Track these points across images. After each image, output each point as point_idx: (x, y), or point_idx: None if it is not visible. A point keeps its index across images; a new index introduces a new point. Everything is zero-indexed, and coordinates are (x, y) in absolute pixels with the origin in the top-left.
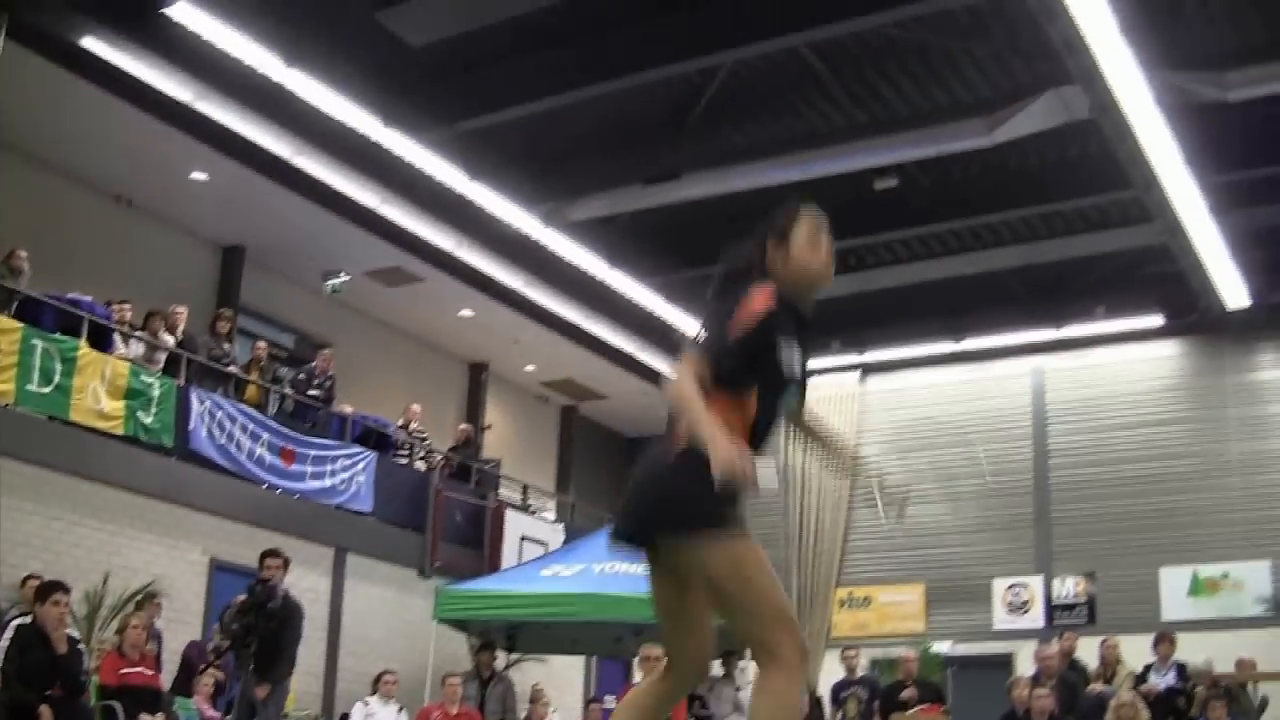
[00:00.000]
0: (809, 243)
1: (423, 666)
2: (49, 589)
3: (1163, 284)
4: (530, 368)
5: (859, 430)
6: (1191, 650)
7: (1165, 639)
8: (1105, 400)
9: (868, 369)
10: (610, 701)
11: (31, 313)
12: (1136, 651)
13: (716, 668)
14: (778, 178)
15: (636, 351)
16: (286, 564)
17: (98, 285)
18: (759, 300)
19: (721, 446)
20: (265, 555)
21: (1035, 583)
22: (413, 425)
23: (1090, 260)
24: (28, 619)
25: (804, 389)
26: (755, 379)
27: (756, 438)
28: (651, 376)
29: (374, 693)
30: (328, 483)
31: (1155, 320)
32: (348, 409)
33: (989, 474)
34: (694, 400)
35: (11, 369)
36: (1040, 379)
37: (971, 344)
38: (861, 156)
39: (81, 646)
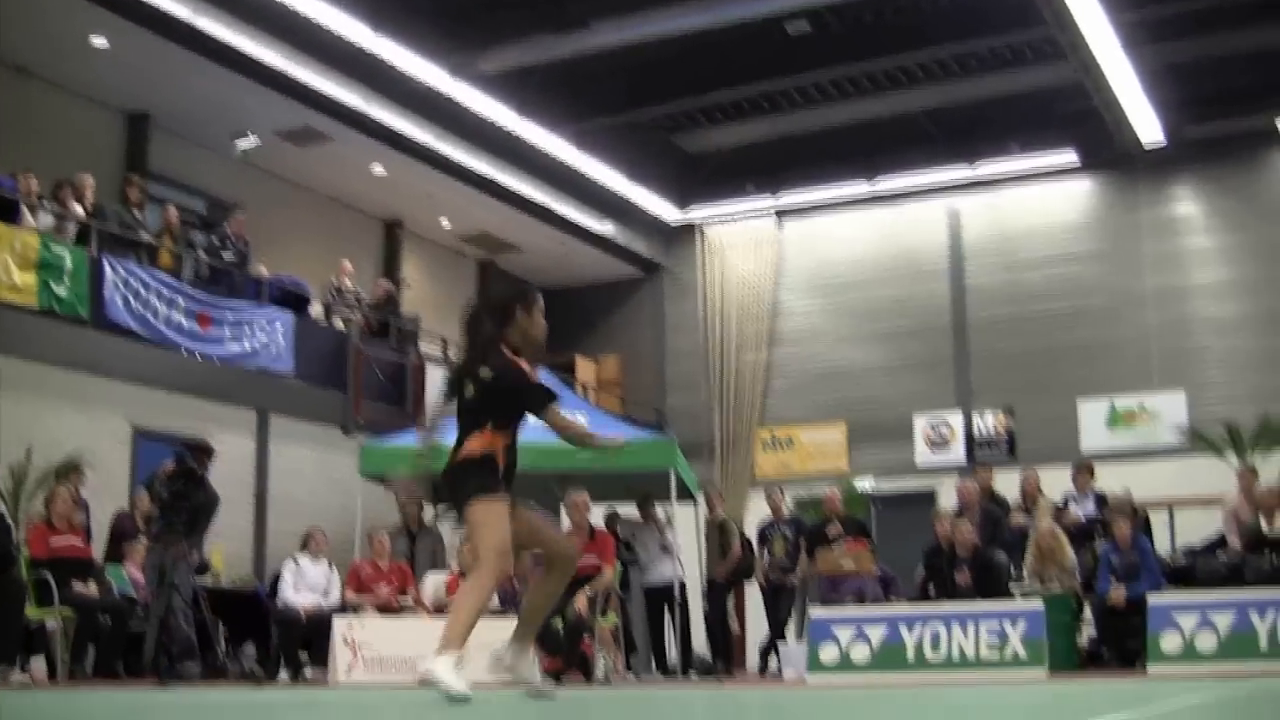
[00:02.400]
0: (537, 316)
1: (351, 523)
2: None
3: (1077, 121)
4: (445, 223)
5: (777, 274)
6: (1109, 480)
7: (1084, 469)
8: (1021, 238)
9: (784, 213)
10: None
11: None
12: (1056, 483)
13: (633, 512)
14: (688, 24)
15: (551, 202)
16: (211, 453)
17: (2, 158)
18: (529, 370)
19: (603, 436)
20: (194, 446)
21: (955, 418)
22: (345, 283)
23: (1004, 99)
24: None
25: None
26: (514, 421)
27: (511, 457)
28: (566, 227)
29: (303, 551)
30: (246, 345)
31: (1070, 158)
32: (263, 271)
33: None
34: (576, 426)
35: None
36: (956, 218)
37: (887, 185)
38: (773, 0)
39: (9, 521)
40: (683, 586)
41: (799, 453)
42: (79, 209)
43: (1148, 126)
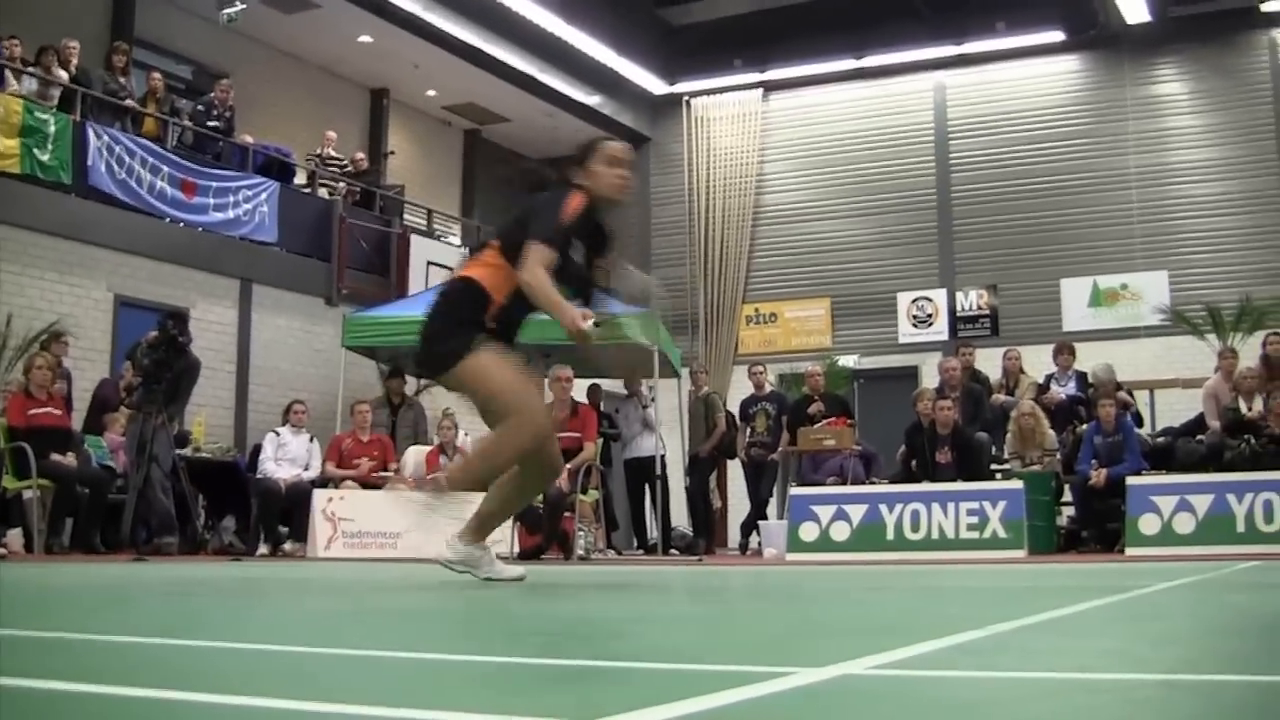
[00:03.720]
0: (608, 165)
1: (333, 395)
2: None
3: None
4: (431, 92)
5: (761, 147)
6: (1092, 360)
7: (1065, 349)
8: (1006, 116)
9: (770, 86)
10: None
11: None
12: (1039, 362)
13: (620, 387)
14: None
15: (538, 73)
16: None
17: None
18: (574, 202)
19: (566, 314)
20: (174, 320)
21: (939, 296)
22: (328, 152)
23: None
24: None
25: (579, 287)
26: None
27: (518, 305)
28: (553, 98)
29: (284, 423)
30: (231, 214)
31: (1055, 35)
32: (248, 139)
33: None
34: (546, 288)
35: None
36: (941, 95)
37: (873, 60)
38: None
39: None
40: (664, 462)
41: (783, 328)
42: (63, 74)
43: (1133, 4)
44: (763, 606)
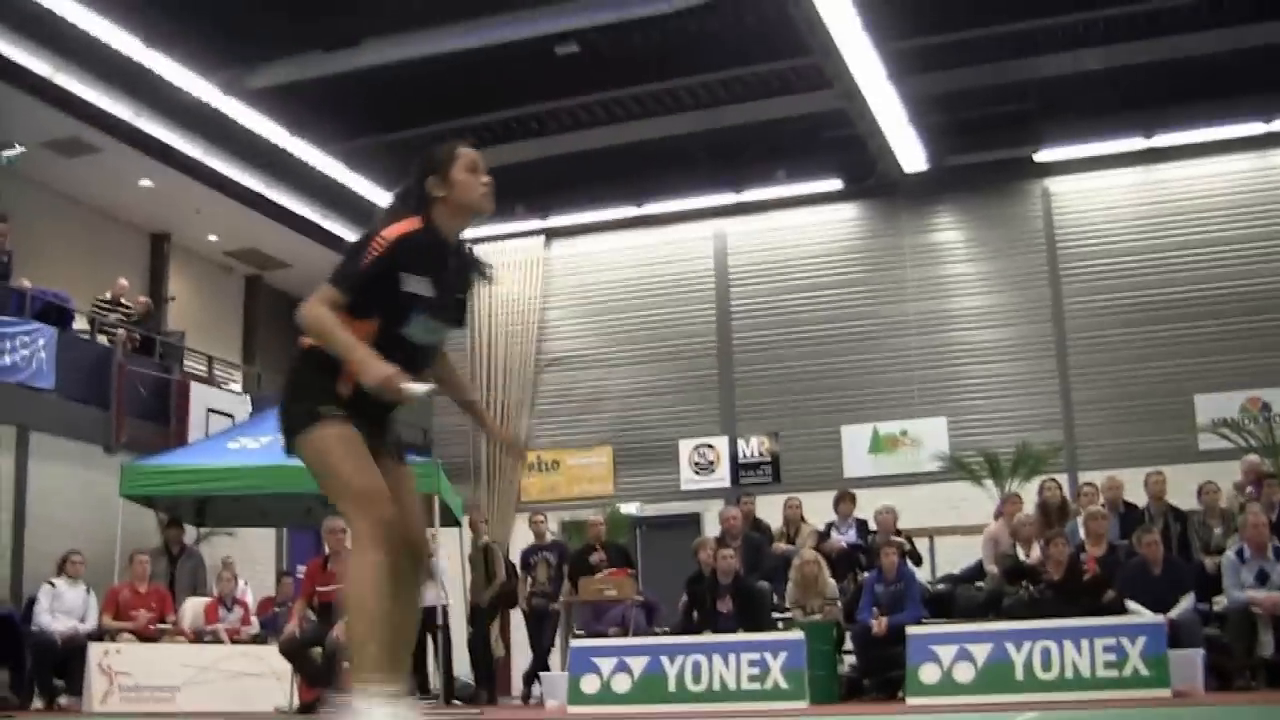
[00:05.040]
0: (469, 172)
1: (111, 544)
2: None
3: (842, 148)
4: (213, 237)
5: (544, 294)
6: (872, 506)
7: (845, 497)
8: (786, 263)
9: (552, 233)
10: (300, 570)
11: None
12: (820, 509)
13: None
14: (457, 44)
15: (320, 219)
16: None
17: None
18: (396, 229)
19: (369, 365)
20: None
21: (721, 443)
22: (123, 299)
23: (771, 125)
24: None
25: (453, 314)
26: (378, 308)
27: (388, 355)
28: (335, 244)
29: (60, 573)
30: (7, 360)
31: (835, 184)
32: (26, 284)
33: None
34: (332, 328)
35: None
36: (723, 242)
37: (654, 208)
38: (542, 22)
39: None
40: (445, 611)
41: (565, 476)
42: None
43: (910, 153)
44: None
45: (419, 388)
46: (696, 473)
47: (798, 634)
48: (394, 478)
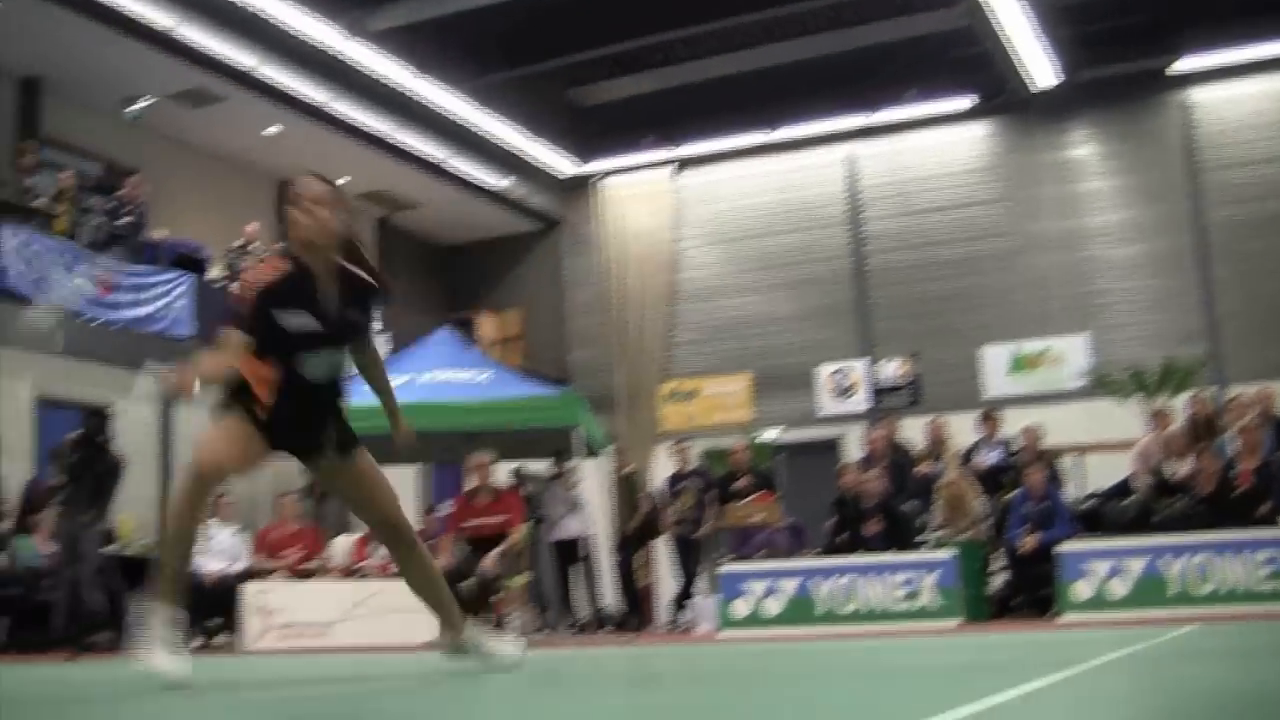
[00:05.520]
0: (306, 207)
1: (257, 486)
2: None
3: (972, 66)
4: (341, 181)
5: (677, 226)
6: (1014, 425)
7: (989, 416)
8: (919, 183)
9: (681, 163)
10: (445, 508)
11: None
12: (960, 430)
13: (546, 468)
14: None
15: (448, 158)
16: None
17: None
18: (259, 274)
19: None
20: (94, 415)
21: (859, 366)
22: (254, 245)
23: (900, 45)
24: None
25: (346, 337)
26: (271, 346)
27: (294, 399)
28: (464, 183)
29: (211, 516)
30: (146, 310)
31: (965, 103)
32: (160, 235)
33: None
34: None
35: None
36: (854, 165)
37: (785, 134)
38: None
39: None
40: (591, 542)
41: (703, 405)
42: None
43: (1042, 69)
44: (720, 693)
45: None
46: (835, 397)
47: (949, 553)
48: (356, 473)
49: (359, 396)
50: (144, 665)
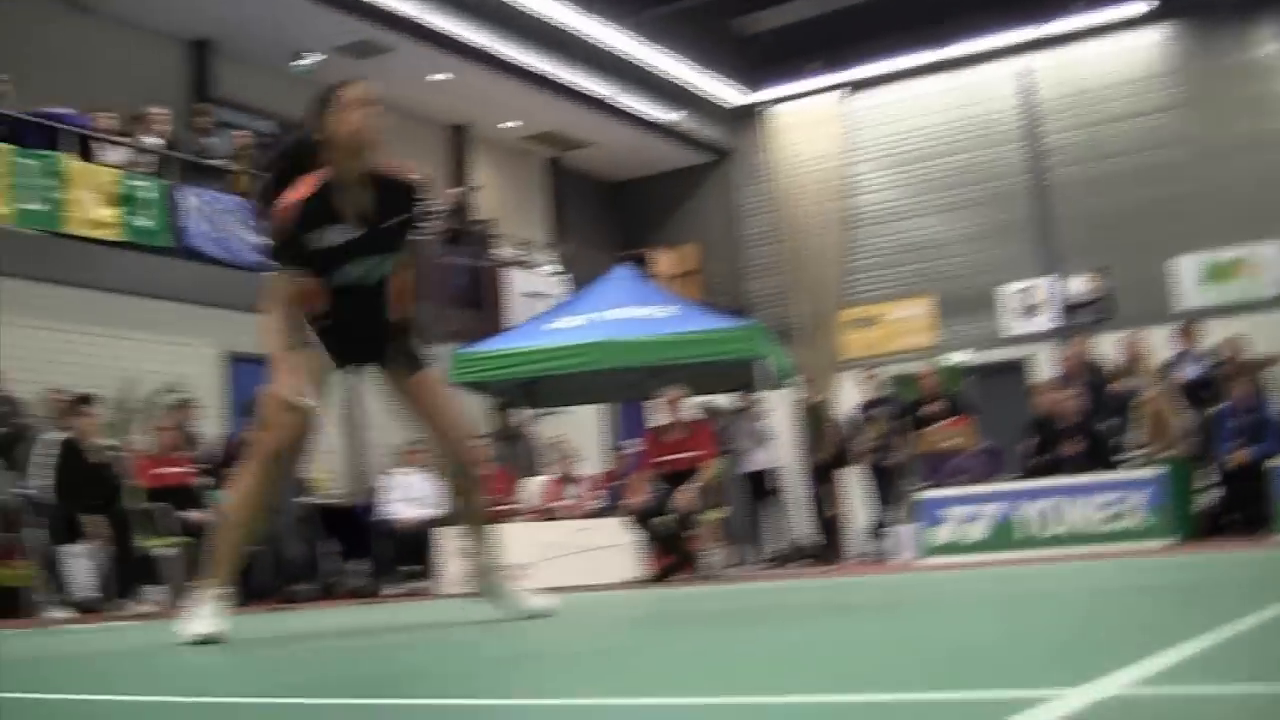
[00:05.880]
0: (345, 110)
1: None
2: (78, 402)
3: None
4: (511, 124)
5: (848, 150)
6: (1211, 337)
7: (1187, 329)
8: (1098, 93)
9: (851, 87)
10: (633, 446)
11: (17, 134)
12: (1155, 344)
13: (733, 400)
14: None
15: (616, 95)
16: None
17: (76, 97)
18: (291, 198)
19: (276, 375)
20: None
21: (1044, 284)
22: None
23: None
24: (61, 434)
25: (388, 244)
26: (309, 263)
27: (342, 308)
28: (634, 119)
29: (403, 464)
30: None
31: (1140, 6)
32: None
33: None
34: (267, 329)
35: (4, 191)
36: (1029, 79)
37: (954, 50)
38: None
39: (116, 454)
40: (779, 474)
41: (885, 330)
42: (153, 141)
43: None
44: (946, 620)
45: (306, 402)
46: (1021, 316)
47: (1155, 471)
48: (421, 394)
49: (539, 338)
50: (185, 634)
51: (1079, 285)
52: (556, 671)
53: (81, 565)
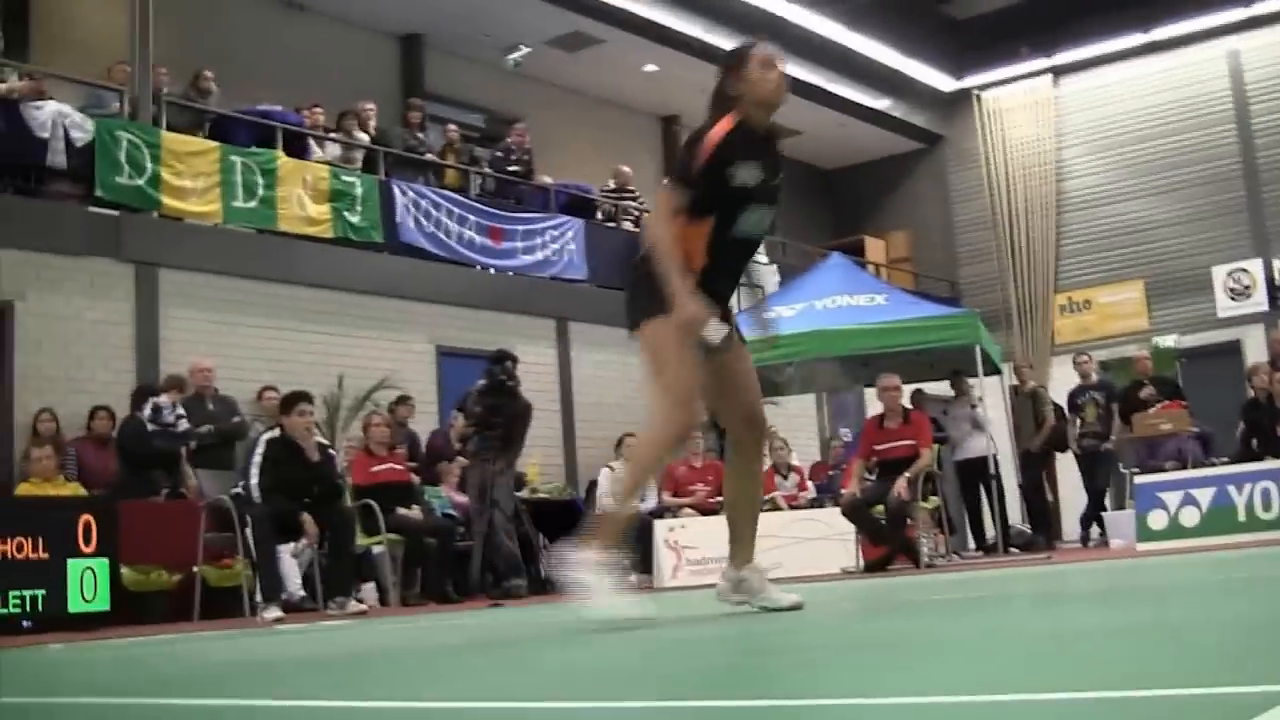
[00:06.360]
0: (761, 69)
1: None
2: (293, 400)
3: None
4: None
5: (1058, 134)
6: None
7: None
8: None
9: (1060, 71)
10: (847, 435)
11: (226, 130)
12: None
13: (947, 389)
14: None
15: (826, 83)
16: (514, 360)
17: (285, 94)
18: (716, 130)
19: (681, 304)
20: (500, 359)
21: (1256, 266)
22: (628, 185)
23: None
24: (276, 432)
25: (773, 198)
26: (715, 204)
27: (724, 256)
28: (845, 106)
29: (617, 457)
30: (540, 255)
31: None
32: (548, 180)
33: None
34: (665, 252)
35: (215, 188)
36: (1237, 60)
37: (1162, 33)
38: None
39: (332, 451)
40: (996, 461)
41: (1097, 315)
42: (364, 137)
43: None
44: (1192, 608)
45: (715, 334)
46: (1233, 298)
47: None
48: (733, 359)
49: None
50: (598, 611)
51: None
52: (909, 661)
53: (294, 564)
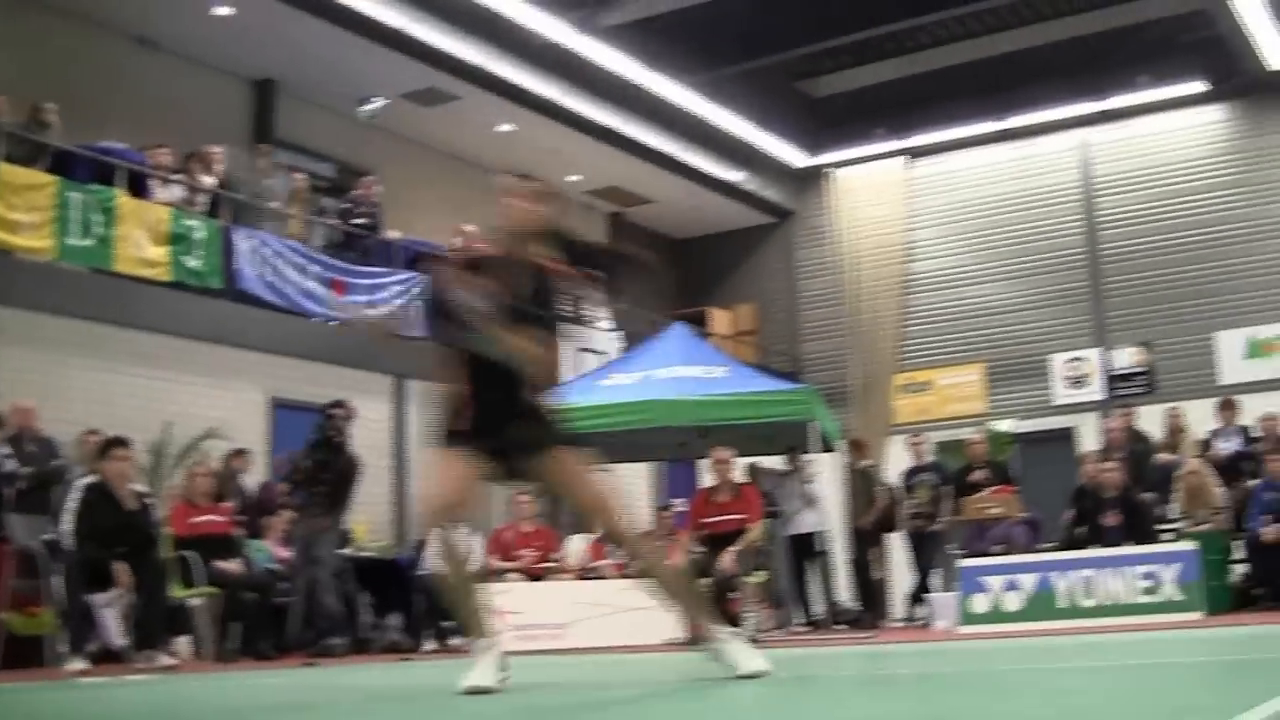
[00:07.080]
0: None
1: (492, 486)
2: (110, 445)
3: (1204, 49)
4: (574, 177)
5: (908, 215)
6: (1252, 412)
7: (1227, 404)
8: (1153, 169)
9: (914, 153)
10: (680, 505)
11: (66, 166)
12: (1198, 418)
13: (781, 462)
14: None
15: (679, 152)
16: (349, 414)
17: (130, 132)
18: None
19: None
20: (331, 407)
21: (1093, 355)
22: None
23: (1131, 30)
24: (93, 478)
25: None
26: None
27: (483, 379)
28: (697, 177)
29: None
30: (382, 310)
31: (1198, 86)
32: (395, 235)
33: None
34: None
35: (50, 224)
36: (1087, 152)
37: (1016, 121)
38: None
39: (150, 500)
40: (826, 537)
41: (937, 396)
42: (208, 180)
43: (1276, 50)
44: (996, 699)
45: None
46: (1070, 386)
47: (1191, 545)
48: (552, 468)
49: (590, 394)
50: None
51: (1125, 357)
52: None
53: (107, 614)
